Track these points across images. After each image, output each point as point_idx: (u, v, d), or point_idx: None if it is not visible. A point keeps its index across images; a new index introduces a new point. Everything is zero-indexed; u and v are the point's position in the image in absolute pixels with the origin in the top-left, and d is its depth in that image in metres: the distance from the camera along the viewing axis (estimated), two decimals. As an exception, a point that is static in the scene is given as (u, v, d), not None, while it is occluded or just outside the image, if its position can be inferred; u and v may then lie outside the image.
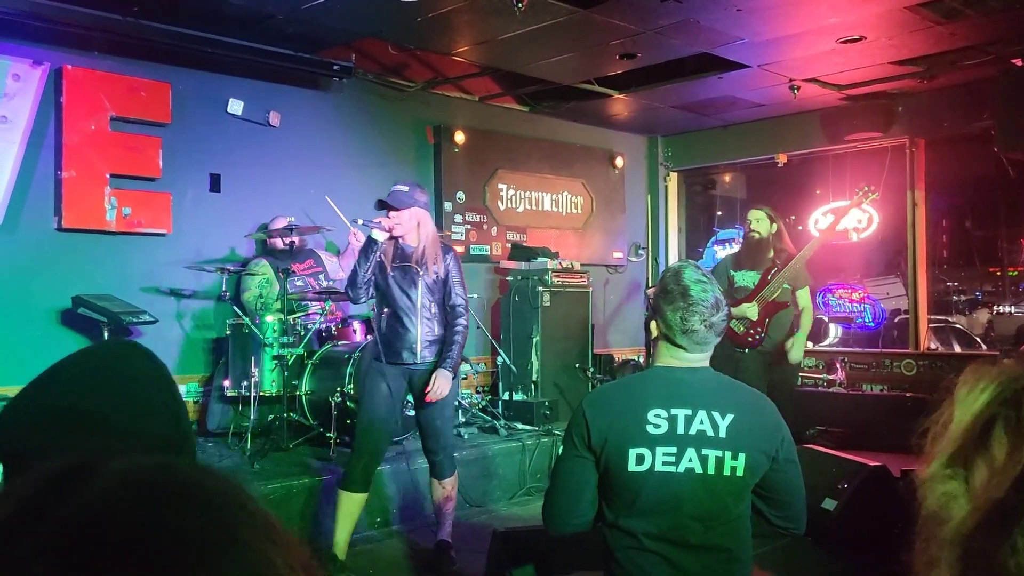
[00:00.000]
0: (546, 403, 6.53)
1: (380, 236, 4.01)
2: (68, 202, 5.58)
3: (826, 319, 9.17)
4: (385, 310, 4.13)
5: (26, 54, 5.44)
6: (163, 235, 5.94)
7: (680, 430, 2.16)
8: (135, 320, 5.31)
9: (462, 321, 4.13)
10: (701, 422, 2.17)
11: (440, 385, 4.00)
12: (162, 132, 5.93)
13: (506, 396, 6.85)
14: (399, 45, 6.55)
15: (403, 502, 5.05)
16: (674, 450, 2.15)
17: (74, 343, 5.52)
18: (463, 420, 6.23)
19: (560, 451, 2.31)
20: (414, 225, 4.08)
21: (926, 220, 7.97)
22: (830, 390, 7.65)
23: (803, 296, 5.52)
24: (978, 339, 10.21)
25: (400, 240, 4.10)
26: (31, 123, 5.45)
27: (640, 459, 2.15)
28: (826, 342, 9.09)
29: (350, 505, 4.11)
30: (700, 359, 2.26)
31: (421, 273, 4.08)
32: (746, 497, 2.24)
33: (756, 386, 4.98)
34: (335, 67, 6.37)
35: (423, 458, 5.19)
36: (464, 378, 7.12)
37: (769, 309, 5.39)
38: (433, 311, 4.13)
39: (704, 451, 2.16)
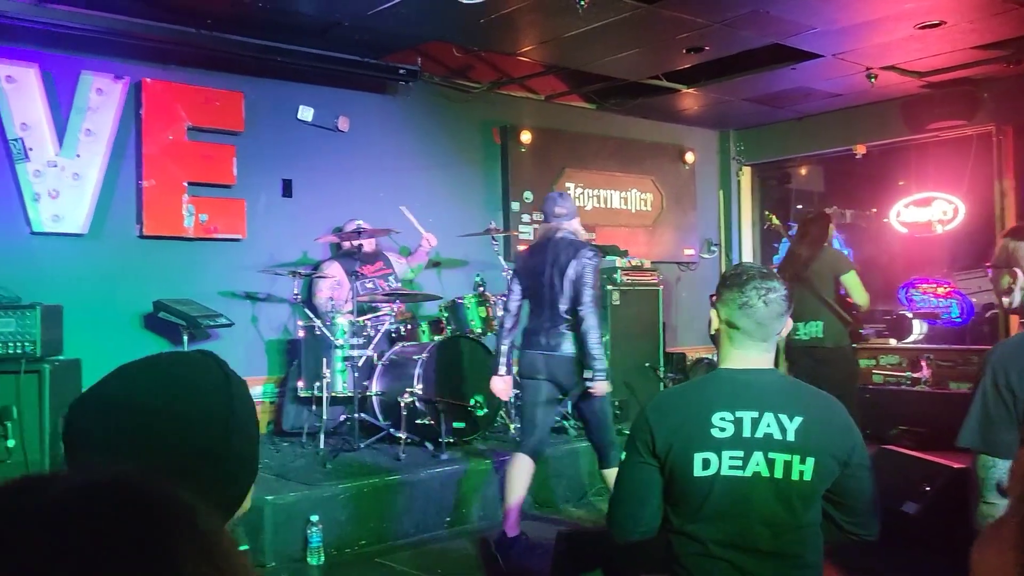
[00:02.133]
0: (616, 403, 6.46)
1: None
2: (148, 210, 5.78)
3: (909, 315, 8.84)
4: None
5: (108, 69, 5.66)
6: (238, 240, 6.10)
7: (747, 433, 2.10)
8: (212, 323, 5.46)
9: None
10: (768, 425, 2.11)
11: None
12: (236, 140, 6.09)
13: (576, 396, 6.79)
14: (464, 47, 6.58)
15: (475, 500, 5.06)
16: (741, 454, 2.10)
17: (156, 346, 5.71)
18: (533, 420, 6.21)
19: (624, 457, 2.28)
20: None
21: (1016, 210, 7.61)
22: (914, 388, 7.38)
23: None
24: (1075, 334, 9.68)
25: None
26: (113, 135, 5.67)
27: (706, 464, 2.10)
28: (910, 339, 8.77)
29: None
30: (763, 352, 2.19)
31: None
32: (816, 502, 2.17)
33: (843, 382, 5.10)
34: (401, 71, 6.45)
35: (489, 457, 5.24)
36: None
37: None
38: None
39: (771, 454, 2.09)
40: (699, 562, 2.14)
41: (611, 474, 4.16)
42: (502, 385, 4.53)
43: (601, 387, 4.25)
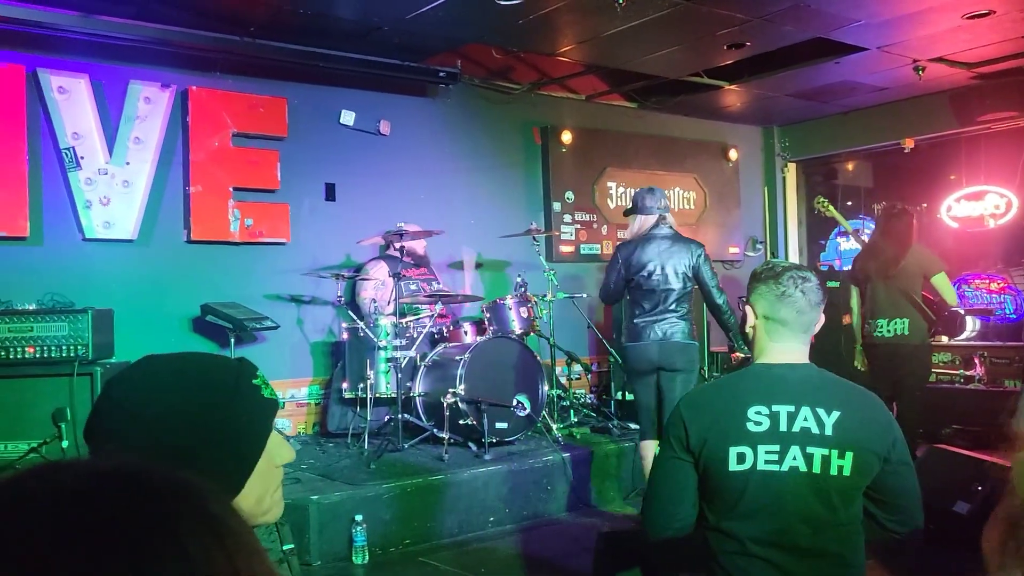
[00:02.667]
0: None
1: None
2: (196, 215, 5.90)
3: (962, 311, 8.63)
4: None
5: (155, 78, 5.80)
6: (283, 244, 6.20)
7: (783, 427, 2.08)
8: (258, 326, 5.56)
9: None
10: (805, 419, 2.08)
11: None
12: (279, 145, 6.19)
13: (619, 396, 6.77)
14: (503, 49, 6.59)
15: (518, 500, 5.07)
16: (777, 448, 2.07)
17: (203, 349, 5.83)
18: (575, 420, 6.21)
19: (658, 453, 2.26)
20: None
21: (1072, 203, 7.39)
22: (968, 387, 7.21)
23: None
24: None
25: None
26: (161, 142, 5.81)
27: (741, 458, 2.08)
28: (963, 336, 8.56)
29: None
30: (801, 345, 2.17)
31: None
32: (856, 499, 2.13)
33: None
34: (441, 74, 6.49)
35: (534, 457, 5.25)
36: (577, 378, 7.11)
37: None
38: None
39: (809, 449, 2.06)
40: (736, 560, 2.11)
41: None
42: None
43: None
